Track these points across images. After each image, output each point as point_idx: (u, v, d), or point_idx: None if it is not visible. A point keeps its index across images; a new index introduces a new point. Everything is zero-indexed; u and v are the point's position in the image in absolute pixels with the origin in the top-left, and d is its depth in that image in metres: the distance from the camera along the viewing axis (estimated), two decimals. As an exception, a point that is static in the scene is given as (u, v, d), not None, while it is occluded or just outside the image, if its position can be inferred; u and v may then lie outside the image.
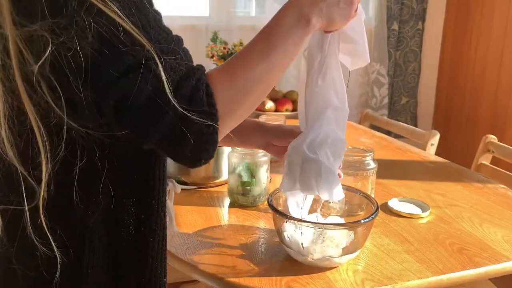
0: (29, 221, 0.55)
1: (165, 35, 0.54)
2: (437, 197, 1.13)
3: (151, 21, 0.52)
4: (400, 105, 3.15)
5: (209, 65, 2.17)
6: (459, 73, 2.99)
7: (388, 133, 2.15)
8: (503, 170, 1.47)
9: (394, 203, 1.07)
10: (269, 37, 0.61)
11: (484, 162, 1.55)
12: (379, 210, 0.87)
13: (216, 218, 1.00)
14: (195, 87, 0.53)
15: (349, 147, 1.04)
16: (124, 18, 0.49)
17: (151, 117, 0.51)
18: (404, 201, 1.09)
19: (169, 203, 0.85)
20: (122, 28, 0.49)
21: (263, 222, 0.98)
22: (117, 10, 0.49)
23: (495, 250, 0.87)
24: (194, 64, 0.57)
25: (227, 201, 1.09)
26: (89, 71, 0.48)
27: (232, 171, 1.05)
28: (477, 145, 1.59)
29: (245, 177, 1.03)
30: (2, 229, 0.59)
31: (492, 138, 1.54)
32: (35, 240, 0.56)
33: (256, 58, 0.59)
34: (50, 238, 0.56)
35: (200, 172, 1.15)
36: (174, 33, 0.58)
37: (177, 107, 0.51)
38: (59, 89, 0.50)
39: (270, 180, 1.14)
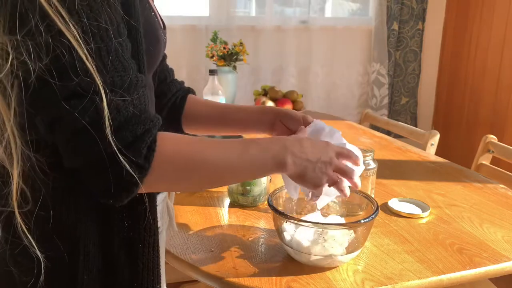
0: (22, 225, 0.55)
1: (122, 72, 0.53)
2: (437, 197, 1.13)
3: (111, 52, 0.52)
4: (400, 105, 3.15)
5: (209, 65, 2.17)
6: (459, 73, 2.99)
7: (388, 133, 2.15)
8: (503, 170, 1.47)
9: (394, 203, 1.07)
10: (246, 145, 0.63)
11: (484, 162, 1.55)
12: (379, 210, 0.87)
13: (216, 218, 1.00)
14: (140, 137, 0.53)
15: (349, 147, 1.04)
16: (82, 44, 0.49)
17: (81, 145, 0.52)
18: (404, 201, 1.09)
19: (169, 203, 0.85)
20: (77, 54, 0.49)
21: (263, 222, 0.98)
22: (77, 35, 0.49)
23: (495, 250, 0.87)
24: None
25: (227, 201, 1.09)
26: (35, 86, 0.49)
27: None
28: (477, 145, 1.59)
29: (245, 177, 1.03)
30: None
31: (492, 138, 1.54)
32: (29, 244, 0.56)
33: (222, 148, 0.60)
34: (33, 242, 0.56)
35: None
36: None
37: (112, 144, 0.51)
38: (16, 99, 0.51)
39: (270, 180, 1.14)
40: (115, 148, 0.51)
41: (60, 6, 0.49)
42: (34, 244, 0.56)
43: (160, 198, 0.77)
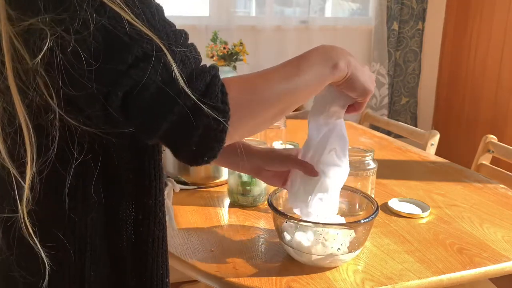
0: (29, 226, 0.54)
1: (169, 28, 0.53)
2: (437, 197, 1.13)
3: (155, 13, 0.51)
4: (400, 105, 3.15)
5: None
6: (459, 73, 2.99)
7: (388, 133, 2.15)
8: (503, 170, 1.47)
9: (394, 203, 1.07)
10: (297, 64, 0.61)
11: (484, 162, 1.55)
12: (379, 210, 0.87)
13: (216, 218, 1.00)
14: (211, 82, 0.52)
15: (349, 147, 1.04)
16: (128, 10, 0.48)
17: (161, 106, 0.49)
18: (404, 201, 1.09)
19: (168, 202, 0.85)
20: (126, 20, 0.48)
21: (263, 222, 0.98)
22: (120, 3, 0.48)
23: (495, 250, 0.87)
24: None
25: (227, 201, 1.09)
26: (95, 63, 0.47)
27: (232, 171, 1.05)
28: (477, 145, 1.59)
29: (245, 177, 1.03)
30: (0, 237, 0.59)
31: (492, 138, 1.54)
32: (36, 245, 0.55)
33: (279, 78, 0.59)
34: (37, 242, 0.55)
35: (200, 172, 1.15)
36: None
37: (191, 96, 0.49)
38: (56, 85, 0.49)
39: (270, 180, 1.14)
40: (195, 99, 0.49)
41: None
42: (39, 245, 0.55)
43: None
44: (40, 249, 0.55)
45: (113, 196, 0.59)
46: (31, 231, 0.54)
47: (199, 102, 0.49)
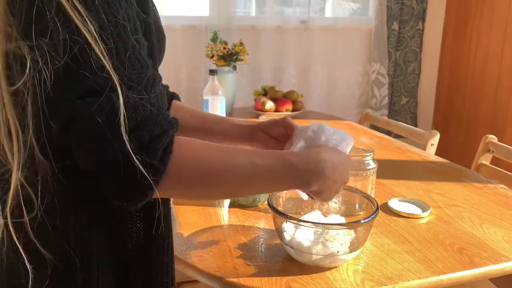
0: (33, 233, 0.54)
1: (139, 69, 0.52)
2: (437, 197, 1.13)
3: (128, 50, 0.50)
4: (400, 105, 3.15)
5: (209, 65, 2.17)
6: (459, 73, 2.99)
7: (388, 133, 2.15)
8: (503, 170, 1.47)
9: (394, 203, 1.07)
10: (266, 167, 0.61)
11: (484, 162, 1.55)
12: (379, 210, 0.87)
13: (216, 218, 1.00)
14: (156, 138, 0.51)
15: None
16: (99, 41, 0.48)
17: (96, 143, 0.49)
18: (404, 201, 1.09)
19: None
20: (93, 51, 0.48)
21: (263, 222, 0.98)
22: (93, 31, 0.48)
23: (495, 250, 0.87)
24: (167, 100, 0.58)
25: (227, 201, 1.09)
26: (50, 84, 0.47)
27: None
28: (477, 145, 1.59)
29: (245, 177, 1.03)
30: (9, 242, 0.58)
31: (492, 138, 1.54)
32: (44, 251, 0.55)
33: (241, 168, 0.58)
34: (21, 248, 0.55)
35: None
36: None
37: (126, 145, 0.49)
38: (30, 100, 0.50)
39: (270, 180, 1.14)
40: (129, 148, 0.49)
41: (77, 2, 0.47)
42: (44, 252, 0.55)
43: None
44: (46, 256, 0.55)
45: (115, 207, 0.59)
46: (32, 237, 0.54)
47: (132, 153, 0.49)
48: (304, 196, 0.78)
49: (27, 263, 0.55)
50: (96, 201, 0.57)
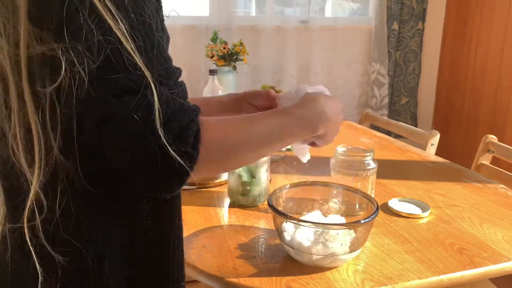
0: (44, 235, 0.54)
1: (165, 64, 0.54)
2: (437, 197, 1.13)
3: (155, 47, 0.52)
4: (400, 105, 3.15)
5: (209, 65, 2.17)
6: (459, 73, 2.99)
7: (388, 133, 2.15)
8: (503, 170, 1.47)
9: (394, 203, 1.07)
10: (279, 125, 0.67)
11: (484, 162, 1.55)
12: (379, 210, 0.87)
13: (216, 218, 1.00)
14: (186, 127, 0.53)
15: (349, 147, 1.04)
16: (130, 40, 0.49)
17: (130, 142, 0.50)
18: (404, 201, 1.09)
19: None
20: (126, 50, 0.49)
21: (263, 222, 0.98)
22: (125, 31, 0.49)
23: (495, 250, 0.87)
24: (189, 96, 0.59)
25: (227, 201, 1.09)
26: (86, 85, 0.48)
27: (232, 171, 1.05)
28: (477, 145, 1.59)
29: (245, 177, 1.03)
30: (17, 246, 0.57)
31: (492, 138, 1.54)
32: (55, 253, 0.54)
33: (258, 132, 0.63)
34: (31, 254, 0.54)
35: (200, 172, 1.15)
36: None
37: (162, 138, 0.51)
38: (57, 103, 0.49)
39: (270, 180, 1.14)
40: (165, 142, 0.51)
41: (108, 1, 0.48)
42: (54, 254, 0.55)
43: None
44: (58, 259, 0.55)
45: (130, 202, 0.59)
46: (43, 240, 0.54)
47: (167, 146, 0.51)
48: (305, 159, 0.83)
49: (37, 266, 0.55)
50: (111, 201, 0.57)
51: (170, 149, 0.51)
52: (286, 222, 0.83)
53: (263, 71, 2.79)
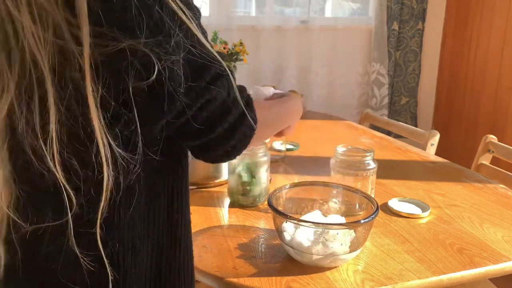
0: (99, 236, 0.53)
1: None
2: (437, 197, 1.13)
3: (207, 37, 0.58)
4: (400, 105, 3.15)
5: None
6: (459, 73, 2.99)
7: (388, 133, 2.15)
8: (503, 170, 1.47)
9: (394, 203, 1.07)
10: (284, 111, 0.83)
11: (484, 162, 1.55)
12: (379, 210, 0.87)
13: (216, 218, 1.00)
14: (248, 97, 0.64)
15: (349, 147, 1.04)
16: (200, 33, 0.55)
17: (221, 115, 0.59)
18: (404, 201, 1.09)
19: None
20: (202, 42, 0.55)
21: (263, 222, 0.98)
22: (196, 27, 0.54)
23: (495, 250, 0.87)
24: None
25: (227, 201, 1.09)
26: (185, 81, 0.53)
27: (232, 171, 1.05)
28: (477, 145, 1.59)
29: (245, 177, 1.03)
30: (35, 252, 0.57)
31: (492, 138, 1.54)
32: (81, 256, 0.54)
33: (277, 111, 0.80)
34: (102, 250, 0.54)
35: (200, 172, 1.15)
36: None
37: (242, 107, 0.61)
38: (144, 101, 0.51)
39: (270, 180, 1.14)
40: (244, 109, 0.61)
41: (180, 2, 0.52)
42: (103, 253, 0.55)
43: None
44: (105, 259, 0.55)
45: (152, 195, 0.60)
46: (99, 241, 0.54)
47: (245, 111, 0.61)
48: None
49: (105, 261, 0.55)
50: (139, 196, 0.57)
51: (248, 115, 0.61)
52: (286, 222, 0.83)
53: (263, 71, 2.79)
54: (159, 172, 0.59)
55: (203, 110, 0.57)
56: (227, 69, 0.58)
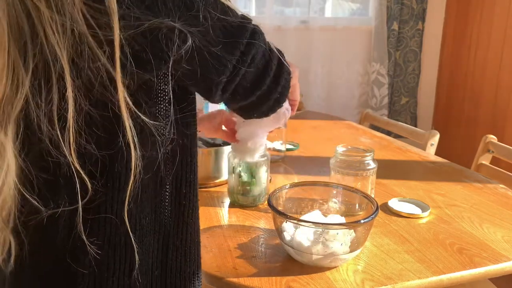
0: (81, 222, 0.53)
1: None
2: (437, 197, 1.13)
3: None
4: (400, 105, 3.15)
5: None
6: (459, 73, 2.99)
7: (388, 133, 2.15)
8: (503, 170, 1.47)
9: (394, 203, 1.07)
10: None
11: (484, 162, 1.55)
12: (379, 210, 0.87)
13: (216, 218, 1.00)
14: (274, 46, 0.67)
15: (349, 147, 1.04)
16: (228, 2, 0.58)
17: (266, 66, 0.63)
18: (404, 201, 1.09)
19: None
20: (231, 9, 0.58)
21: (263, 222, 0.98)
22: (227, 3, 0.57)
23: (495, 250, 0.87)
24: None
25: (227, 201, 1.09)
26: (224, 41, 0.56)
27: (232, 171, 1.05)
28: (477, 145, 1.59)
29: (245, 177, 1.03)
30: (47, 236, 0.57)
31: (492, 138, 1.54)
32: (86, 241, 0.54)
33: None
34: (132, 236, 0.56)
35: (200, 172, 1.15)
36: None
37: (278, 54, 0.65)
38: (180, 72, 0.55)
39: (270, 180, 1.14)
40: (280, 57, 0.65)
41: None
42: (133, 238, 0.56)
43: None
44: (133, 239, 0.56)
45: (159, 183, 0.60)
46: (128, 226, 0.55)
47: (282, 59, 0.66)
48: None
49: (134, 245, 0.56)
50: (147, 187, 0.58)
51: (284, 62, 0.66)
52: (286, 222, 0.83)
53: (263, 71, 2.79)
54: (168, 158, 0.60)
55: (252, 65, 0.60)
56: (255, 24, 0.62)
